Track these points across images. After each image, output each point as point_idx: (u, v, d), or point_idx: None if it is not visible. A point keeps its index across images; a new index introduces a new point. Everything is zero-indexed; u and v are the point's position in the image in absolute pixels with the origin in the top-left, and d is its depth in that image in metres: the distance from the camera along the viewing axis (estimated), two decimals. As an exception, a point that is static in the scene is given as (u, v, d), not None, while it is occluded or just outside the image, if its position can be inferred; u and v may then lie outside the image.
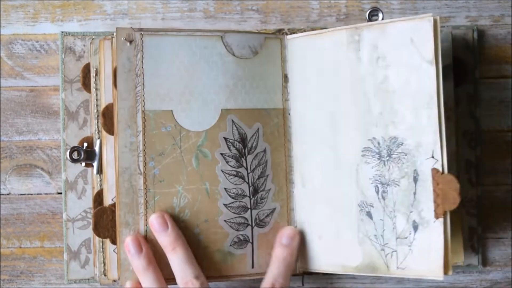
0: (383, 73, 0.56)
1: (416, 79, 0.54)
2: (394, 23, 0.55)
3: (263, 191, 0.59)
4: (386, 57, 0.56)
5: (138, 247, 0.54)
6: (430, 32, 0.54)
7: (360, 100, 0.57)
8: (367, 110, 0.56)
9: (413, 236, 0.54)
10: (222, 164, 0.58)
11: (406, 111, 0.55)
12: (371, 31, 0.56)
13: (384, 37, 0.56)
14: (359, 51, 0.57)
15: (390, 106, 0.55)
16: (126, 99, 0.56)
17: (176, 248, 0.55)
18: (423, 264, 0.54)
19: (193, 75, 0.57)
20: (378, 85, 0.56)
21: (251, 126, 0.59)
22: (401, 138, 0.55)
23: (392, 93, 0.55)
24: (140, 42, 0.56)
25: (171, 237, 0.55)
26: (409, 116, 0.54)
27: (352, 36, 0.57)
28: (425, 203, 0.54)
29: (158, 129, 0.56)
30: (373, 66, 0.56)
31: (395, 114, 0.55)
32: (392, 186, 0.55)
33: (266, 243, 0.59)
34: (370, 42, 0.56)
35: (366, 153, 0.57)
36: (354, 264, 0.57)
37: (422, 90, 0.54)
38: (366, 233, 0.56)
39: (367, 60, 0.57)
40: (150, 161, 0.56)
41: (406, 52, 0.55)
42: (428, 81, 0.54)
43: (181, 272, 0.54)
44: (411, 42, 0.54)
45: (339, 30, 0.58)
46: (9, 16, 0.66)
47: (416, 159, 0.54)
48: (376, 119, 0.56)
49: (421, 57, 0.54)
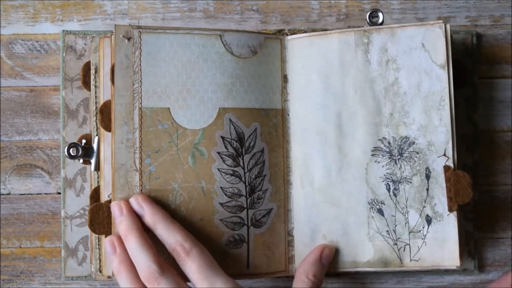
0: (394, 76, 0.58)
1: (428, 82, 0.57)
2: (404, 28, 0.58)
3: (260, 191, 0.59)
4: (396, 60, 0.58)
5: (112, 247, 0.54)
6: (442, 38, 0.57)
7: (369, 101, 0.59)
8: (377, 111, 0.58)
9: (427, 230, 0.57)
10: (218, 163, 0.57)
11: (417, 112, 0.58)
12: (381, 34, 0.59)
13: (394, 41, 0.58)
14: (368, 53, 0.59)
15: (401, 107, 0.58)
16: (123, 96, 0.56)
17: (129, 236, 0.53)
18: (438, 254, 0.57)
19: (191, 73, 0.57)
20: (389, 87, 0.58)
21: (248, 126, 0.59)
22: (412, 137, 0.58)
23: (403, 95, 0.58)
24: (138, 39, 0.56)
25: (123, 225, 0.53)
26: (421, 117, 0.58)
27: (360, 38, 0.59)
28: (438, 198, 0.57)
29: (155, 126, 0.56)
30: (383, 68, 0.58)
31: (406, 115, 0.58)
32: (404, 183, 0.58)
33: (262, 243, 0.59)
34: (380, 45, 0.58)
35: (376, 153, 0.58)
36: (365, 259, 0.58)
37: (434, 92, 0.57)
38: (378, 229, 0.58)
39: (377, 62, 0.58)
40: (146, 158, 0.56)
41: (417, 56, 0.58)
42: (440, 85, 0.57)
43: (136, 260, 0.52)
44: (422, 47, 0.58)
45: (347, 32, 0.59)
46: (9, 16, 0.66)
47: (428, 157, 0.58)
48: (386, 120, 0.58)
49: (432, 62, 0.57)
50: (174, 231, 0.53)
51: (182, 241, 0.52)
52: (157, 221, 0.53)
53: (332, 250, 0.58)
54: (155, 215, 0.54)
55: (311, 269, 0.57)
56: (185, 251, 0.52)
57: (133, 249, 0.52)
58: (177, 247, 0.52)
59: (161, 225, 0.53)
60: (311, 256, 0.58)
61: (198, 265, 0.52)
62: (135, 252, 0.52)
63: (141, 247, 0.52)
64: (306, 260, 0.58)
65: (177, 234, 0.53)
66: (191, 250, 0.52)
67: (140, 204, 0.54)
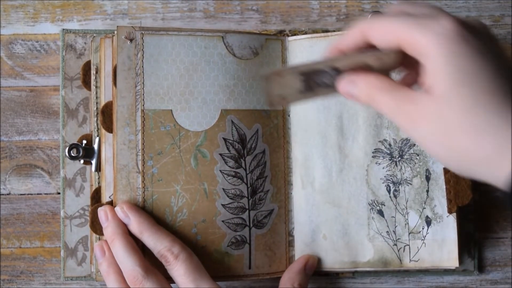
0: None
1: None
2: None
3: (261, 192, 0.59)
4: None
5: (101, 251, 0.55)
6: None
7: None
8: (378, 112, 0.58)
9: (426, 231, 0.58)
10: (220, 165, 0.58)
11: None
12: None
13: None
14: None
15: None
16: (126, 98, 0.56)
17: (114, 241, 0.54)
18: (437, 255, 0.58)
19: (193, 75, 0.57)
20: None
21: (250, 127, 0.59)
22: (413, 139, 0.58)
23: None
24: (140, 41, 0.56)
25: (109, 230, 0.55)
26: None
27: None
28: (438, 200, 0.58)
29: (157, 128, 0.56)
30: None
31: None
32: (404, 185, 0.59)
33: (263, 244, 0.59)
34: None
35: (377, 154, 0.59)
36: (365, 259, 0.59)
37: None
38: (378, 230, 0.59)
39: None
40: (148, 160, 0.56)
41: None
42: None
43: (122, 264, 0.54)
44: None
45: None
46: (9, 16, 0.66)
47: (428, 159, 0.58)
48: (387, 122, 0.59)
49: None
50: (161, 238, 0.54)
51: (170, 246, 0.54)
52: (144, 229, 0.55)
53: (315, 261, 0.60)
54: (141, 224, 0.55)
55: (296, 277, 0.58)
56: (173, 255, 0.53)
57: (118, 253, 0.54)
58: (165, 252, 0.54)
59: (148, 233, 0.54)
60: (297, 265, 0.59)
61: (185, 268, 0.53)
62: (120, 256, 0.54)
63: (126, 251, 0.53)
64: (292, 269, 0.59)
65: (164, 240, 0.54)
66: (179, 255, 0.54)
67: (125, 212, 0.55)
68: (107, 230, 0.55)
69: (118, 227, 0.55)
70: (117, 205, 0.56)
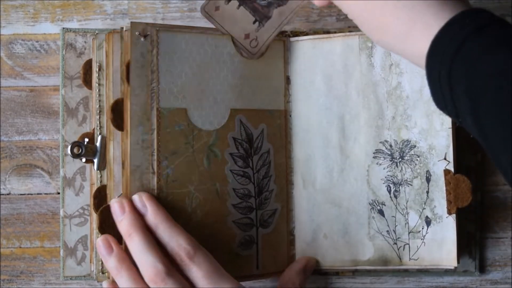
0: (397, 80, 0.59)
1: None
2: None
3: (267, 192, 0.59)
4: (399, 64, 0.59)
5: (108, 248, 0.51)
6: None
7: (372, 104, 0.59)
8: (379, 114, 0.59)
9: (426, 230, 0.58)
10: (231, 164, 0.57)
11: (419, 116, 0.58)
12: None
13: None
14: (372, 57, 0.59)
15: (403, 110, 0.58)
16: (139, 95, 0.53)
17: (132, 235, 0.50)
18: (436, 254, 0.58)
19: (205, 74, 0.56)
20: (392, 90, 0.59)
21: (256, 127, 0.59)
22: (413, 141, 0.59)
23: (406, 98, 0.58)
24: (155, 37, 0.54)
25: (125, 223, 0.51)
26: (422, 120, 0.58)
27: (364, 42, 0.59)
28: (438, 201, 0.58)
29: (172, 128, 0.55)
30: (386, 72, 0.59)
31: (408, 118, 0.58)
32: (404, 185, 0.59)
33: (269, 243, 0.59)
34: (384, 50, 0.58)
35: (378, 155, 0.59)
36: (366, 258, 0.59)
37: None
38: (378, 229, 0.59)
39: (380, 67, 0.59)
40: (163, 160, 0.54)
41: None
42: None
43: (140, 260, 0.50)
44: None
45: (351, 36, 0.60)
46: (9, 16, 0.66)
47: (428, 160, 0.58)
48: (388, 123, 0.59)
49: None
50: (176, 234, 0.51)
51: (185, 244, 0.50)
52: (160, 222, 0.51)
53: (314, 263, 0.60)
54: (158, 215, 0.51)
55: (297, 278, 0.58)
56: (189, 255, 0.50)
57: (136, 248, 0.50)
58: (179, 250, 0.50)
59: (164, 226, 0.51)
60: (297, 266, 0.59)
61: (205, 270, 0.50)
62: (138, 251, 0.50)
63: (146, 246, 0.50)
64: (293, 269, 0.59)
65: (179, 237, 0.51)
66: (195, 255, 0.50)
67: (143, 202, 0.52)
68: (122, 223, 0.51)
69: (136, 220, 0.51)
70: (136, 194, 0.52)
